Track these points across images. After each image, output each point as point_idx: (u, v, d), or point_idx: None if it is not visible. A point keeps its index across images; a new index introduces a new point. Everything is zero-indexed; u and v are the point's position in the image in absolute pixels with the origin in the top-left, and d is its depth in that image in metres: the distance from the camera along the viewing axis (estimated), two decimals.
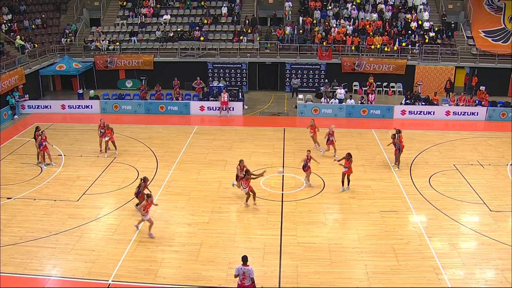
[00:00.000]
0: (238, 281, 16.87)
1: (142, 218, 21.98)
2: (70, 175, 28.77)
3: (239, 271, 16.67)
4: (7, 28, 47.43)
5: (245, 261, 16.66)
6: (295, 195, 25.50)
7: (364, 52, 45.63)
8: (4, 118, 38.86)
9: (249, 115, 39.76)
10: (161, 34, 48.53)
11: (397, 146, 28.22)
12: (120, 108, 40.71)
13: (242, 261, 16.68)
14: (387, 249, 20.67)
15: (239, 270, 16.66)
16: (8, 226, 23.17)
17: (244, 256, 16.77)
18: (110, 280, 19.03)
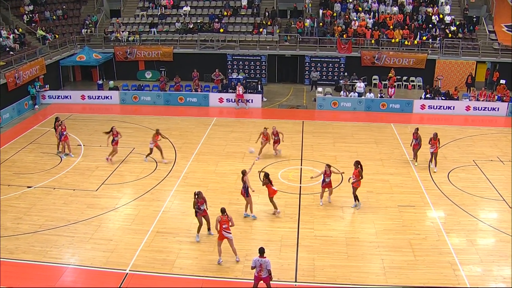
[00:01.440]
0: (255, 273, 16.96)
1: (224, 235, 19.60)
2: (89, 165, 29.05)
3: (256, 263, 16.75)
4: (28, 19, 47.88)
5: (262, 253, 16.74)
6: (312, 188, 25.48)
7: (384, 45, 45.36)
8: (25, 108, 39.29)
9: (268, 108, 39.78)
10: (180, 25, 48.63)
11: (418, 141, 27.97)
12: (139, 99, 40.93)
13: (259, 253, 16.76)
14: (404, 244, 20.64)
15: (256, 262, 16.73)
16: (28, 214, 23.50)
17: (261, 248, 16.85)
18: (127, 270, 19.24)
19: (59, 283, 18.63)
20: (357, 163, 23.41)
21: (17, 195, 25.57)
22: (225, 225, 19.13)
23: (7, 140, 33.14)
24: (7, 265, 19.70)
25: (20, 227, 22.42)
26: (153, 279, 18.75)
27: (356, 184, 23.32)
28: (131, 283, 18.51)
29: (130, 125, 35.46)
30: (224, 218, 19.10)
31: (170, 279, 18.78)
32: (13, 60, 39.95)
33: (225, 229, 19.16)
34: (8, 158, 30.17)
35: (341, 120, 36.20)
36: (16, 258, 20.14)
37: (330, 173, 23.18)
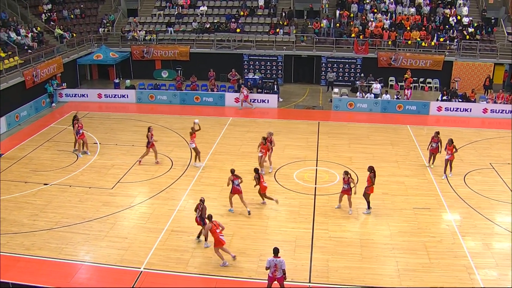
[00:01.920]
0: (269, 273, 16.95)
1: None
2: (104, 163, 29.22)
3: (270, 263, 16.74)
4: (46, 18, 48.32)
5: (277, 253, 16.74)
6: (327, 189, 25.44)
7: (401, 47, 45.16)
8: (42, 106, 39.62)
9: (284, 108, 39.75)
10: (197, 25, 48.76)
11: (438, 145, 27.56)
12: (156, 98, 41.10)
13: (274, 253, 16.77)
14: (419, 247, 20.55)
15: (271, 262, 16.72)
16: (44, 211, 23.71)
17: (275, 248, 16.86)
18: (141, 268, 19.33)
19: (74, 280, 18.77)
20: (371, 168, 23.13)
21: (33, 192, 25.80)
22: (218, 230, 19.24)
23: (24, 137, 33.44)
24: (23, 261, 19.91)
25: (36, 224, 22.63)
26: (167, 278, 18.82)
27: (368, 190, 23.05)
28: (145, 281, 18.60)
29: (146, 124, 35.40)
30: (215, 224, 19.28)
31: (184, 278, 18.84)
32: (31, 59, 40.28)
33: (219, 233, 19.21)
34: (25, 155, 30.44)
35: (357, 121, 36.08)
36: (32, 254, 20.34)
37: (347, 180, 22.82)
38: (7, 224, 22.68)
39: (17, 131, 34.89)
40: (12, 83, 37.04)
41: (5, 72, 37.12)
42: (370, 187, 22.93)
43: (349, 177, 22.79)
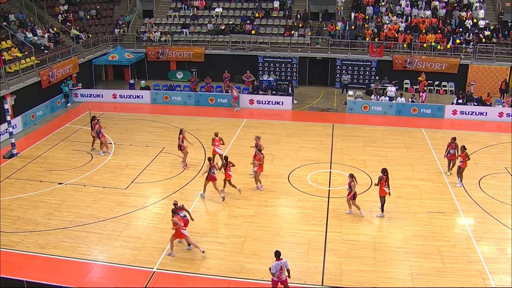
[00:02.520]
0: (274, 278, 16.89)
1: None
2: (119, 163, 29.36)
3: (276, 268, 16.68)
4: (63, 19, 48.66)
5: (279, 256, 16.75)
6: (341, 192, 25.37)
7: (416, 49, 44.97)
8: (57, 106, 39.92)
9: (298, 110, 39.70)
10: (212, 26, 48.86)
11: (455, 151, 27.18)
12: (170, 99, 41.23)
13: (276, 257, 16.75)
14: (433, 251, 20.45)
15: (276, 266, 16.68)
16: (59, 210, 23.89)
17: (276, 251, 16.87)
18: (155, 268, 19.42)
19: (87, 279, 18.89)
20: (384, 170, 22.96)
21: (48, 191, 26.00)
22: (181, 224, 19.93)
23: (40, 136, 33.71)
24: (37, 259, 20.09)
25: (51, 223, 22.80)
26: (180, 278, 18.89)
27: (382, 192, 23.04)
28: (158, 281, 18.67)
29: (160, 124, 35.73)
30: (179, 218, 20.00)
31: (196, 279, 18.89)
32: (47, 59, 40.58)
33: (182, 227, 19.90)
34: (40, 155, 30.67)
35: (372, 124, 35.98)
36: (46, 253, 20.52)
37: (350, 183, 22.74)
38: (22, 222, 22.88)
39: (33, 131, 35.17)
40: (28, 83, 37.36)
41: (22, 72, 37.42)
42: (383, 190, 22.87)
43: (353, 180, 22.69)
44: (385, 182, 22.75)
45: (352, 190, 22.75)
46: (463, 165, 26.11)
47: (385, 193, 22.92)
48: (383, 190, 22.84)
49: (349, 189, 22.87)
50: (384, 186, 22.78)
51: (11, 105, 31.57)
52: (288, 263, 16.80)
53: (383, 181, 22.70)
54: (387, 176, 22.83)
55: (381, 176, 22.77)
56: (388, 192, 22.90)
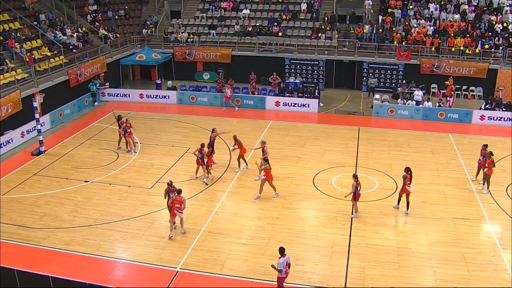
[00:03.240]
0: (279, 275, 17.23)
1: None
2: (145, 162, 29.56)
3: (283, 264, 17.03)
4: (92, 18, 49.17)
5: (283, 252, 17.18)
6: (366, 196, 25.25)
7: (444, 53, 44.57)
8: (85, 104, 40.34)
9: (324, 113, 39.56)
10: (240, 28, 48.95)
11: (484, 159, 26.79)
12: (197, 100, 41.39)
13: (281, 253, 17.15)
14: (458, 258, 20.22)
15: (283, 263, 17.04)
16: (84, 208, 24.15)
17: (280, 247, 17.26)
18: (178, 268, 19.52)
19: (111, 277, 19.05)
20: (407, 169, 23.36)
21: (74, 188, 26.28)
22: (177, 205, 21.29)
23: (67, 135, 34.09)
24: (62, 256, 20.37)
25: (76, 220, 23.06)
26: (202, 278, 18.94)
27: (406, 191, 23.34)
28: (181, 281, 18.75)
29: (186, 125, 35.90)
30: (179, 198, 21.29)
31: (219, 279, 18.93)
32: (76, 58, 41.06)
33: (177, 208, 21.32)
34: (67, 153, 31.01)
35: (398, 128, 35.72)
36: (71, 250, 20.77)
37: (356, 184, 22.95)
38: (48, 219, 23.17)
39: (60, 129, 35.61)
40: (56, 82, 37.86)
41: (51, 70, 37.91)
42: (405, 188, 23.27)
43: (355, 182, 22.87)
44: (409, 181, 23.12)
45: (351, 191, 22.97)
46: (488, 172, 25.78)
47: (408, 192, 23.27)
48: (406, 189, 23.19)
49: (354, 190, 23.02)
50: (407, 185, 23.12)
51: (39, 103, 32.01)
52: (312, 266, 16.79)
53: (407, 179, 23.06)
54: (410, 175, 23.26)
55: (404, 175, 23.17)
56: (410, 191, 23.30)
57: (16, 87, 33.97)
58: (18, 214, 23.66)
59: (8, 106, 32.35)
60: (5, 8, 41.51)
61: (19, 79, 35.01)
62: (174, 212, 21.43)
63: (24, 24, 41.46)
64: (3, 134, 31.63)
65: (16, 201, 25.03)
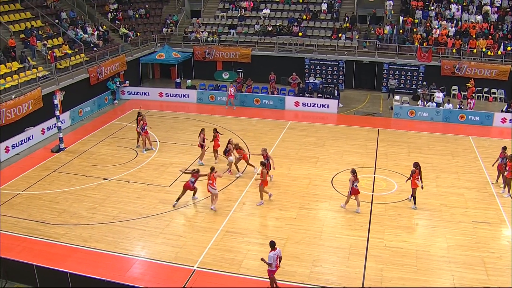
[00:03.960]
0: (272, 267, 17.48)
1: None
2: (163, 161, 29.64)
3: (273, 257, 17.27)
4: (112, 17, 49.50)
5: (274, 246, 17.44)
6: (385, 198, 25.11)
7: (466, 55, 44.15)
8: (104, 102, 40.57)
9: (344, 114, 39.40)
10: (260, 28, 48.94)
11: (502, 161, 26.45)
12: (216, 99, 41.43)
13: (271, 247, 17.38)
14: (477, 262, 20.02)
15: (274, 256, 17.28)
16: (103, 205, 24.29)
17: (271, 241, 17.50)
18: (195, 266, 19.54)
19: (128, 274, 19.14)
20: (416, 164, 23.96)
21: (93, 186, 26.45)
22: (210, 181, 23.34)
23: (86, 132, 34.33)
24: (80, 252, 20.52)
25: (94, 217, 23.20)
26: (219, 278, 18.94)
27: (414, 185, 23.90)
28: (198, 280, 18.77)
29: (205, 124, 35.80)
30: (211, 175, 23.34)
31: (236, 279, 18.93)
32: (96, 56, 41.32)
33: (210, 185, 23.42)
34: (86, 150, 31.22)
35: (418, 130, 35.45)
36: (89, 246, 20.93)
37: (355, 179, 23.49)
38: (67, 215, 23.34)
39: (80, 126, 35.86)
40: (77, 79, 38.15)
41: (71, 68, 38.19)
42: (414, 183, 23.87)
43: (353, 177, 23.31)
44: (417, 175, 23.68)
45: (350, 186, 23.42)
46: (508, 175, 25.47)
47: (416, 185, 23.81)
48: (415, 182, 23.79)
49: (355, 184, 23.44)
50: (416, 179, 23.74)
51: (60, 101, 32.22)
52: (329, 267, 16.71)
53: (415, 174, 23.65)
54: (419, 170, 23.79)
55: (413, 170, 23.81)
56: (420, 185, 23.79)
57: (37, 85, 34.29)
58: (38, 210, 23.88)
59: (29, 103, 32.64)
60: (27, 7, 41.92)
61: (40, 76, 35.33)
62: (207, 189, 23.62)
63: (46, 22, 41.83)
64: (24, 130, 31.88)
65: (35, 197, 25.26)
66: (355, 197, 23.76)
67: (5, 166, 29.24)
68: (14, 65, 34.92)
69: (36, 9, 42.02)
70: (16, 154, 30.72)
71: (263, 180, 24.18)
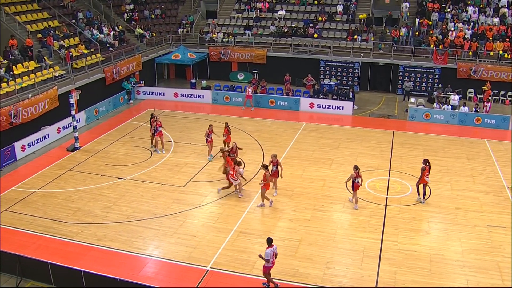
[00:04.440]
0: (269, 264, 17.85)
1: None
2: (178, 161, 29.73)
3: (270, 254, 17.62)
4: (128, 17, 49.76)
5: (271, 242, 17.82)
6: (399, 200, 25.02)
7: (482, 58, 43.86)
8: (120, 102, 40.76)
9: (359, 116, 39.27)
10: (275, 29, 48.95)
11: None
12: (231, 100, 41.47)
13: (268, 243, 17.73)
14: (492, 266, 19.86)
15: (270, 253, 17.65)
16: (117, 204, 24.42)
17: (268, 238, 17.87)
18: (208, 267, 19.57)
19: (141, 273, 19.21)
20: (426, 161, 24.65)
21: (108, 185, 26.58)
22: (231, 172, 24.54)
23: (101, 131, 34.52)
24: (94, 251, 20.65)
25: (109, 216, 23.32)
26: (232, 278, 18.95)
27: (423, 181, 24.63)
28: (211, 280, 18.80)
29: (220, 124, 35.81)
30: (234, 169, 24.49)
31: (249, 280, 18.93)
32: (112, 56, 41.53)
33: (231, 175, 24.55)
34: (101, 149, 31.39)
35: (433, 132, 35.26)
36: (103, 245, 21.05)
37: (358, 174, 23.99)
38: (81, 214, 23.49)
39: (95, 126, 36.06)
40: (93, 79, 38.37)
41: (87, 68, 38.41)
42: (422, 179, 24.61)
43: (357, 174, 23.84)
44: (427, 172, 24.36)
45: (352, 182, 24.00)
46: None
47: (426, 182, 24.61)
48: (424, 179, 24.48)
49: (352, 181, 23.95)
50: (425, 176, 24.40)
51: (76, 100, 32.47)
52: (342, 269, 16.67)
53: (425, 171, 24.30)
54: (429, 167, 24.47)
55: (423, 167, 24.39)
56: (428, 181, 24.65)
57: (53, 84, 34.54)
58: (53, 209, 24.06)
59: (45, 102, 32.88)
60: (44, 7, 42.27)
61: (56, 76, 35.61)
62: (230, 179, 24.71)
63: (63, 22, 42.11)
64: (40, 129, 32.12)
65: (51, 195, 25.44)
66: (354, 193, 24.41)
67: (21, 164, 29.52)
68: (31, 64, 35.21)
69: (53, 9, 42.33)
70: (32, 153, 30.96)
71: (265, 184, 24.03)
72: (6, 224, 22.66)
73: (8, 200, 25.01)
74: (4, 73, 32.36)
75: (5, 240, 21.26)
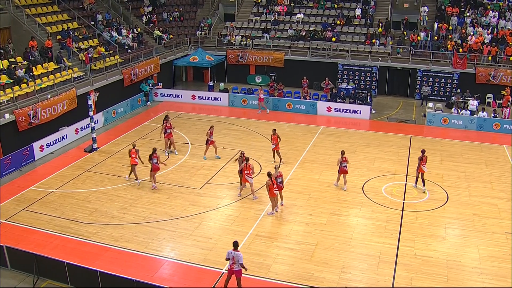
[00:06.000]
0: (228, 265, 17.90)
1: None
2: (195, 163, 29.79)
3: (229, 255, 17.60)
4: (147, 20, 50.02)
5: (236, 246, 17.60)
6: (416, 206, 24.87)
7: (502, 63, 43.48)
8: (138, 104, 40.95)
9: (376, 120, 39.11)
10: (293, 32, 48.92)
11: None
12: (248, 103, 41.49)
13: (233, 246, 17.59)
14: (510, 274, 19.64)
15: (230, 254, 17.61)
16: (134, 206, 24.52)
17: (235, 241, 17.73)
18: (224, 269, 19.55)
19: (157, 275, 19.28)
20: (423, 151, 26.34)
21: (125, 186, 26.72)
22: (247, 171, 24.88)
23: (119, 133, 34.69)
24: (111, 251, 20.77)
25: (125, 217, 23.43)
26: (248, 281, 18.88)
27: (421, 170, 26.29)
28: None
29: (237, 127, 36.02)
30: (247, 165, 24.86)
31: (264, 283, 18.92)
32: (130, 58, 41.77)
33: (247, 174, 24.92)
34: (119, 151, 31.53)
35: (451, 138, 35.03)
36: (119, 246, 21.15)
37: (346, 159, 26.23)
38: (98, 214, 23.62)
39: (113, 127, 36.25)
40: (111, 81, 38.62)
41: (106, 69, 38.65)
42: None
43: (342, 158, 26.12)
44: (424, 162, 26.00)
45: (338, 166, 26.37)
46: None
47: (423, 171, 26.21)
48: (421, 168, 26.15)
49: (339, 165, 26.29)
50: (422, 165, 26.09)
51: (94, 101, 32.64)
52: (358, 274, 16.57)
53: (422, 161, 26.01)
54: (426, 157, 26.12)
55: (420, 156, 26.14)
56: (425, 170, 26.25)
57: (72, 85, 34.79)
58: (70, 209, 24.23)
59: (64, 103, 33.14)
60: (64, 8, 42.59)
61: (75, 77, 35.85)
62: (245, 178, 25.10)
63: (82, 24, 42.42)
64: (58, 130, 32.35)
65: (68, 195, 25.61)
66: (343, 176, 26.35)
67: (40, 164, 29.77)
68: (50, 65, 35.49)
69: (73, 11, 42.63)
70: (50, 153, 31.21)
71: (269, 192, 23.81)
72: (24, 223, 22.89)
73: (26, 199, 25.24)
74: (24, 74, 32.65)
75: (23, 239, 21.48)
